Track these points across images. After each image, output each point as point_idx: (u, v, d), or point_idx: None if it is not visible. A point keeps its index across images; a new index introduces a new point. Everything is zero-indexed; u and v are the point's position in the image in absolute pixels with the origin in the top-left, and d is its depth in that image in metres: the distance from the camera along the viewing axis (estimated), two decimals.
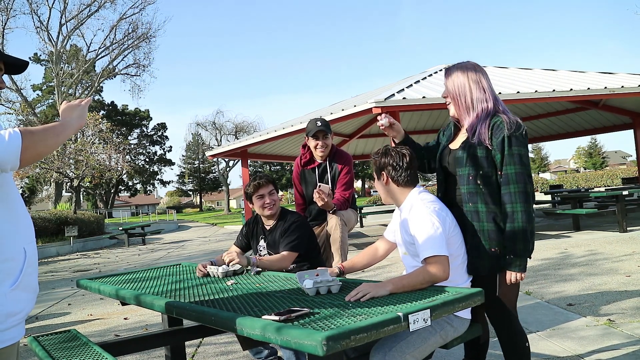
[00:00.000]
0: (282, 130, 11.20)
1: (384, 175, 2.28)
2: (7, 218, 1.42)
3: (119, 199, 63.95)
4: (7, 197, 1.44)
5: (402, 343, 1.96)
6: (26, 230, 1.48)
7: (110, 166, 21.83)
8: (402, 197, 2.27)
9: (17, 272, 1.40)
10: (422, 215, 2.10)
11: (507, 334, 2.27)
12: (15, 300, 1.38)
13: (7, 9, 24.67)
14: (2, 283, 1.36)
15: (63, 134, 1.47)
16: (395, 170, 2.24)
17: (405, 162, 2.24)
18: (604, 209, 10.04)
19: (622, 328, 3.44)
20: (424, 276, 1.96)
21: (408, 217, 2.18)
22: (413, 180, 2.26)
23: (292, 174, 3.95)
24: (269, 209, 3.10)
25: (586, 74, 11.83)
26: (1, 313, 1.35)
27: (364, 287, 1.87)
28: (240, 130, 50.15)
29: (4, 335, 1.35)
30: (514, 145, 2.14)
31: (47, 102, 41.43)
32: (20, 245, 1.44)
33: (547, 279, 5.28)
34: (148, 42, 30.67)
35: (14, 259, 1.40)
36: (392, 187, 2.28)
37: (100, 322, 5.11)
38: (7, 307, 1.36)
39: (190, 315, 1.90)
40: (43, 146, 1.36)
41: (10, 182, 1.46)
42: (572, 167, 75.70)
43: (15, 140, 1.28)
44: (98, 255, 14.06)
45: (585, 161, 69.23)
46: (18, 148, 1.28)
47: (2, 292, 1.35)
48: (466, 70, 2.29)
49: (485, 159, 2.19)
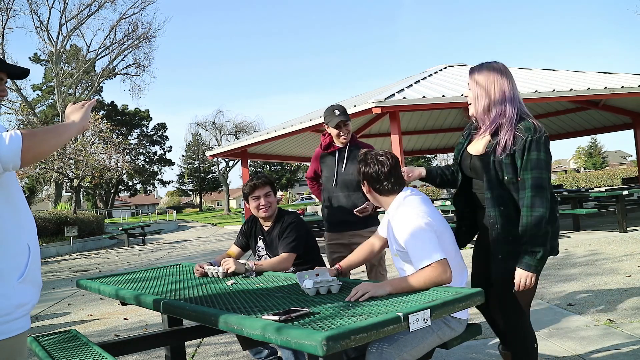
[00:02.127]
0: (282, 130, 11.21)
1: (366, 184, 2.27)
2: (12, 216, 1.50)
3: (119, 199, 63.95)
4: (11, 196, 1.52)
5: (399, 341, 1.95)
6: (29, 227, 1.57)
7: (110, 166, 21.82)
8: (386, 204, 2.27)
9: (23, 267, 1.49)
10: (409, 220, 2.07)
11: (518, 334, 2.26)
12: (22, 293, 1.48)
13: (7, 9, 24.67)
14: (10, 277, 1.46)
15: (65, 134, 1.54)
16: (376, 181, 2.22)
17: (384, 171, 2.20)
18: (604, 209, 10.04)
19: (622, 328, 3.44)
20: (425, 280, 1.93)
21: (394, 225, 2.16)
22: (396, 187, 2.23)
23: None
24: (264, 210, 3.09)
25: (586, 74, 11.83)
26: (11, 304, 1.45)
27: (364, 287, 1.87)
28: (240, 130, 50.17)
29: (15, 324, 1.46)
30: (533, 149, 2.12)
31: (47, 102, 41.43)
32: (25, 242, 1.52)
33: (548, 279, 5.27)
34: (148, 42, 30.67)
35: (19, 255, 1.49)
36: (375, 195, 2.27)
37: (100, 322, 5.11)
38: (16, 299, 1.46)
39: (190, 315, 1.90)
40: (45, 146, 1.44)
41: (14, 181, 1.54)
42: (572, 167, 75.68)
43: (15, 142, 1.35)
44: (98, 255, 14.05)
45: (586, 161, 69.22)
46: (18, 149, 1.35)
47: (11, 285, 1.45)
48: (492, 71, 2.25)
49: (510, 164, 2.16)
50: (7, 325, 1.43)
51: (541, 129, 2.17)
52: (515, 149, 2.15)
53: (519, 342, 2.26)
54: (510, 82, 2.24)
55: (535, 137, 2.13)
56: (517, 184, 2.17)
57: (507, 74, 2.26)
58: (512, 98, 2.22)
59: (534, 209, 2.09)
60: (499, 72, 2.25)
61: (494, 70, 2.25)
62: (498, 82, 2.23)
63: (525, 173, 2.13)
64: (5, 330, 1.43)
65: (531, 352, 2.24)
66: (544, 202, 2.10)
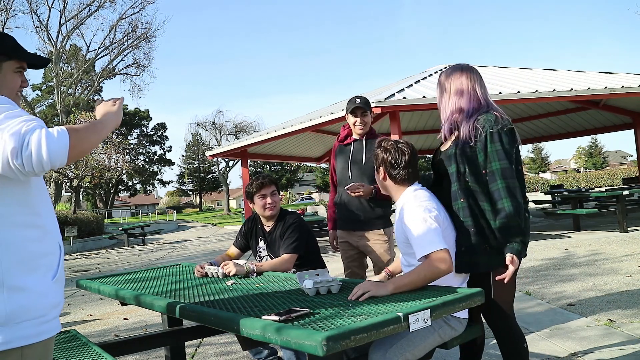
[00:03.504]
0: (282, 130, 11.20)
1: (382, 170, 2.27)
2: (50, 213, 1.48)
3: (119, 199, 63.94)
4: (46, 193, 1.50)
5: (402, 341, 1.95)
6: (57, 226, 1.54)
7: (109, 166, 21.79)
8: (397, 194, 2.26)
9: (56, 266, 1.46)
10: (414, 212, 2.09)
11: (505, 335, 2.26)
12: (56, 292, 1.44)
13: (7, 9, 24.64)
14: (46, 275, 1.41)
15: (103, 132, 1.50)
16: (393, 168, 2.23)
17: (404, 160, 2.22)
18: (604, 209, 10.05)
19: (622, 328, 3.43)
20: (426, 273, 1.93)
21: (400, 215, 2.17)
22: (410, 179, 2.24)
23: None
24: (270, 209, 3.09)
25: (586, 74, 11.83)
26: (48, 304, 1.40)
27: (365, 286, 1.86)
28: (240, 130, 50.14)
29: (51, 324, 1.41)
30: (496, 141, 2.13)
31: (47, 102, 41.42)
32: (56, 240, 1.49)
33: (548, 279, 5.27)
34: (148, 42, 30.58)
35: (53, 253, 1.46)
36: (388, 183, 2.27)
37: (100, 322, 5.11)
38: (52, 298, 1.42)
39: (190, 315, 1.89)
40: (87, 143, 1.40)
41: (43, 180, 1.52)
42: (572, 167, 75.71)
43: (63, 138, 1.30)
44: (98, 255, 14.05)
45: (586, 161, 69.23)
46: (67, 145, 1.30)
47: (47, 284, 1.41)
48: (451, 71, 2.30)
49: (473, 156, 2.18)
50: (47, 325, 1.39)
51: (504, 120, 2.18)
52: (476, 141, 2.17)
53: (508, 343, 2.26)
54: (469, 78, 2.26)
55: (496, 129, 2.14)
56: (479, 176, 2.17)
57: (467, 71, 2.28)
58: (469, 93, 2.24)
59: (509, 199, 2.09)
60: (458, 70, 2.29)
61: (452, 70, 2.30)
62: (455, 80, 2.27)
63: (491, 165, 2.13)
64: (44, 330, 1.38)
65: (522, 352, 2.25)
66: (517, 191, 2.11)
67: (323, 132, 12.89)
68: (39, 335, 1.36)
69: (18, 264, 1.35)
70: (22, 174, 1.27)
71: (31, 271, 1.37)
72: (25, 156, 1.24)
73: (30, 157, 1.24)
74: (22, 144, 1.24)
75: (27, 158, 1.24)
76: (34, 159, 1.24)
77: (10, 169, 1.26)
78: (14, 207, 1.37)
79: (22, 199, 1.39)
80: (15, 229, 1.36)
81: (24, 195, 1.40)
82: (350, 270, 3.38)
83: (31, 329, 1.34)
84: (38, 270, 1.39)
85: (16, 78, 1.55)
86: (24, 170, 1.26)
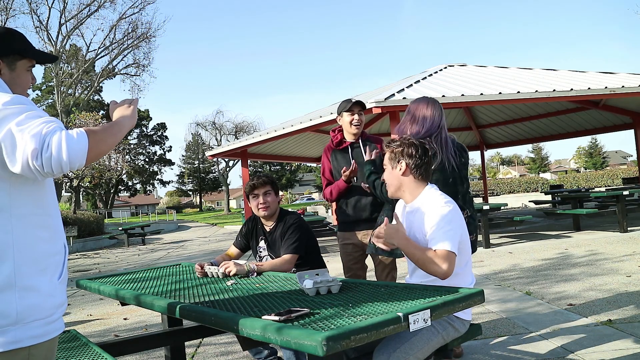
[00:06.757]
0: (282, 130, 11.19)
1: (403, 165, 2.20)
2: (58, 213, 1.49)
3: (119, 199, 63.93)
4: (55, 194, 1.51)
5: (406, 344, 1.96)
6: (62, 227, 1.54)
7: (109, 166, 21.81)
8: (415, 191, 2.21)
9: (61, 266, 1.47)
10: (445, 210, 2.08)
11: None
12: (61, 292, 1.45)
13: (7, 9, 24.64)
14: (53, 275, 1.42)
15: (119, 134, 1.51)
16: (416, 163, 2.19)
17: (427, 155, 2.22)
18: (604, 209, 10.04)
19: (622, 328, 3.43)
20: (431, 262, 1.98)
21: (426, 211, 2.12)
22: (428, 176, 2.24)
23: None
24: (263, 209, 3.09)
25: (587, 74, 11.82)
26: (54, 303, 1.41)
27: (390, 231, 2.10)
28: (240, 130, 50.12)
29: (56, 324, 1.42)
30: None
31: (47, 102, 41.42)
32: (62, 240, 1.50)
33: (548, 279, 5.27)
34: (148, 42, 30.60)
35: (59, 253, 1.46)
36: (409, 179, 2.21)
37: (100, 322, 5.11)
38: (58, 298, 1.43)
39: (190, 315, 1.89)
40: (104, 145, 1.40)
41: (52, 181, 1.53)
42: (572, 167, 75.67)
43: (82, 140, 1.31)
44: (98, 255, 14.05)
45: (586, 161, 69.22)
46: (86, 147, 1.31)
47: (54, 284, 1.42)
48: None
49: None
50: (53, 324, 1.40)
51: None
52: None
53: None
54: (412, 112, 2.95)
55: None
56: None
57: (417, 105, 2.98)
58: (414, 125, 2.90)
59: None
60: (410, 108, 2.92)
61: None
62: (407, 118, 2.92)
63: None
64: (51, 330, 1.39)
65: None
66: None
67: (323, 132, 12.88)
68: (46, 334, 1.38)
69: (31, 264, 1.36)
70: (41, 174, 1.28)
71: (41, 271, 1.38)
72: (45, 157, 1.25)
73: (50, 158, 1.25)
74: (42, 145, 1.25)
75: (47, 159, 1.25)
76: (54, 160, 1.26)
77: (29, 170, 1.27)
78: (31, 208, 1.38)
79: (38, 200, 1.40)
80: (31, 229, 1.37)
81: (39, 195, 1.41)
82: (352, 272, 3.39)
83: (39, 328, 1.36)
84: (47, 270, 1.40)
85: (28, 76, 1.56)
86: (42, 172, 1.27)
